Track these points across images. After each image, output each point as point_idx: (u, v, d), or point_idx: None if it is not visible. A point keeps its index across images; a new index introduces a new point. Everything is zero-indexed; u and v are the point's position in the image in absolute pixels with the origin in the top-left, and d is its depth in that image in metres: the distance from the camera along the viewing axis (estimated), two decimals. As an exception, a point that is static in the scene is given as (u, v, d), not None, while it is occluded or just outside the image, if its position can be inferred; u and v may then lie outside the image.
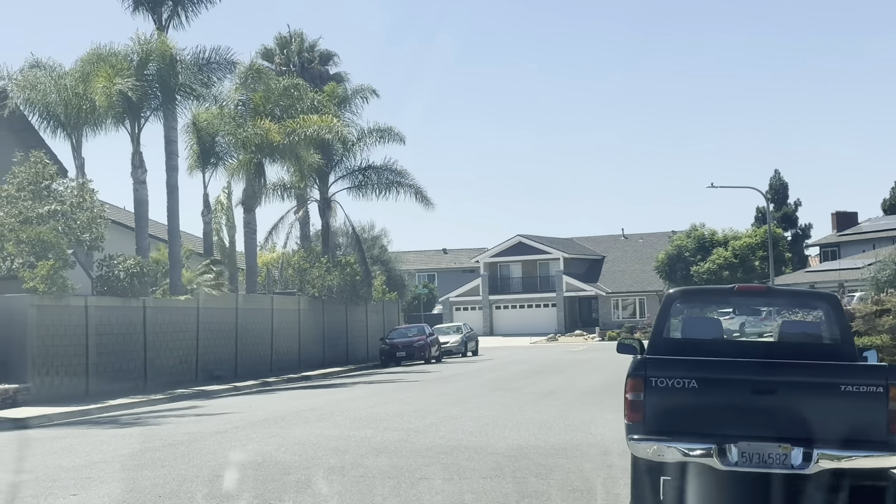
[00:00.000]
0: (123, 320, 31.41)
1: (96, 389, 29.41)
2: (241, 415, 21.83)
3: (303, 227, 55.04)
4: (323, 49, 62.25)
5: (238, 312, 39.27)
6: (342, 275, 49.73)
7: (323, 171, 51.64)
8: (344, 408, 22.81)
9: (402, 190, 53.13)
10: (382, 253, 70.37)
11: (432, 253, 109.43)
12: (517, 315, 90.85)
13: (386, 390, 29.23)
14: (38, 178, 30.81)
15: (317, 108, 46.08)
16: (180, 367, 34.77)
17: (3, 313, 26.60)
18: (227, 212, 43.31)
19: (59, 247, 28.06)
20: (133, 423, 20.84)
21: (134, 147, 35.06)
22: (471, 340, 58.82)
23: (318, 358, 47.10)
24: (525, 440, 15.90)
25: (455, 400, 24.20)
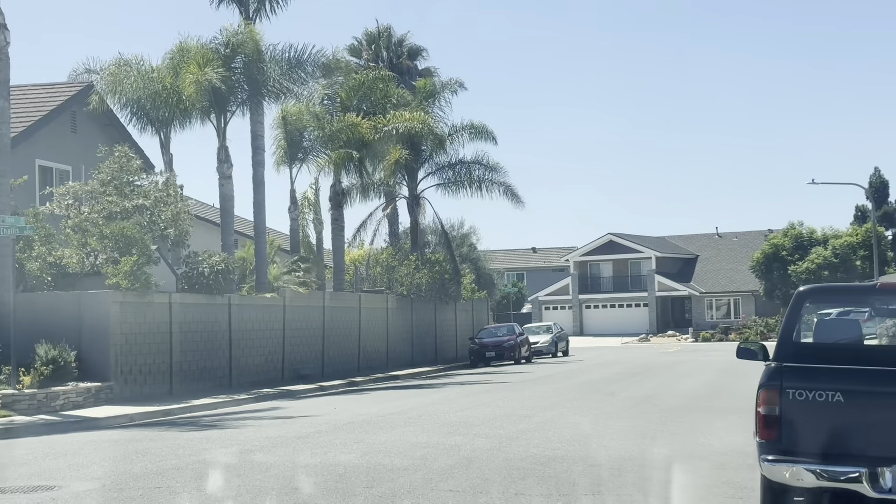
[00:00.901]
0: (208, 318, 30.80)
1: (180, 389, 28.82)
2: (326, 418, 20.93)
3: (391, 225, 54.25)
4: (412, 44, 61.45)
5: (325, 311, 38.55)
6: (431, 273, 48.83)
7: (412, 167, 50.79)
8: (432, 411, 21.80)
9: (493, 187, 52.06)
10: (471, 251, 69.38)
11: (521, 252, 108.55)
12: (607, 315, 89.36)
13: (475, 392, 28.17)
14: (122, 172, 30.33)
15: (406, 102, 45.25)
16: (266, 367, 34.10)
17: (86, 310, 26.06)
18: (315, 208, 42.60)
19: (142, 242, 27.48)
20: (212, 426, 20.05)
21: (220, 141, 34.45)
22: (561, 340, 57.56)
23: (406, 357, 46.26)
24: (627, 450, 14.69)
25: (548, 404, 23.04)
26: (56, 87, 35.20)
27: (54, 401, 23.76)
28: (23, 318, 24.91)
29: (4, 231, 23.58)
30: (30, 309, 25.70)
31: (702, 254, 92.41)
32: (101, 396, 25.38)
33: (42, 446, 16.83)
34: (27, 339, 24.53)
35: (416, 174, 52.24)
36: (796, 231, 77.92)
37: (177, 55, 34.11)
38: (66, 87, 35.16)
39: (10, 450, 16.51)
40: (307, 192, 43.64)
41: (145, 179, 30.86)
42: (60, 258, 27.57)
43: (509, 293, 77.58)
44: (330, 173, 41.86)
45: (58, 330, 25.36)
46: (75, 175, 34.14)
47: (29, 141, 32.75)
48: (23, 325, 24.83)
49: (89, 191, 30.17)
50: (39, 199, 32.19)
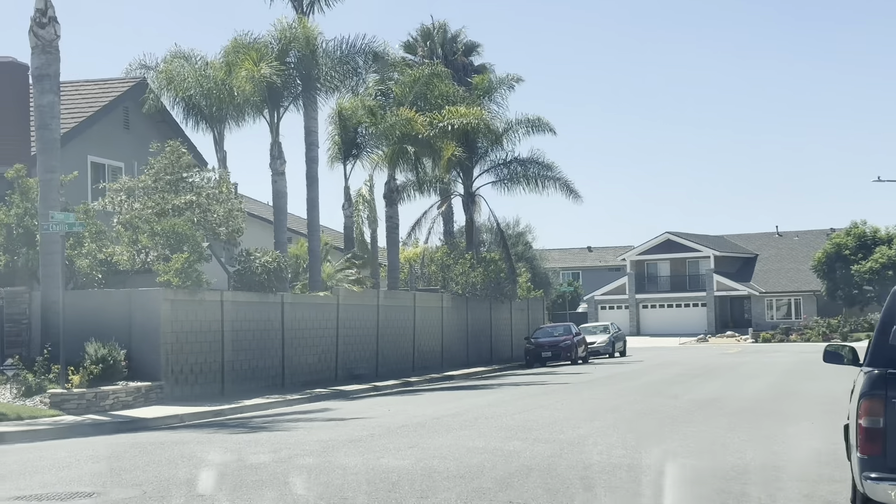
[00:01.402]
0: (260, 316, 30.28)
1: (231, 389, 28.32)
2: (379, 420, 20.26)
3: (446, 223, 53.55)
4: (467, 40, 60.76)
5: (379, 309, 37.93)
6: (486, 272, 48.08)
7: (467, 164, 50.04)
8: (489, 413, 21.06)
9: (549, 183, 51.19)
10: (527, 250, 68.53)
11: (577, 251, 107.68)
12: (665, 314, 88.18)
13: (533, 394, 27.38)
14: (173, 168, 29.89)
15: (461, 98, 44.53)
16: (319, 366, 33.54)
17: (137, 308, 25.60)
18: (369, 205, 41.99)
19: (193, 239, 26.98)
20: (263, 428, 19.45)
21: (273, 137, 33.95)
22: (618, 340, 56.59)
23: (461, 357, 45.56)
24: (698, 459, 13.85)
25: (609, 406, 22.21)
26: (109, 83, 34.90)
27: (103, 400, 23.32)
28: (72, 316, 24.51)
29: (53, 227, 23.18)
30: (79, 307, 25.30)
31: (761, 253, 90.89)
32: (150, 396, 24.92)
33: (87, 448, 16.31)
34: (77, 338, 24.12)
35: (471, 171, 51.50)
36: (859, 230, 76.29)
37: (231, 51, 33.67)
38: (118, 82, 34.86)
39: (55, 452, 16.00)
40: (361, 190, 43.08)
41: (197, 175, 30.36)
42: (111, 255, 27.16)
43: (565, 292, 76.39)
44: (384, 170, 41.29)
45: (108, 328, 24.93)
46: (128, 172, 33.81)
47: (81, 137, 32.46)
48: (72, 323, 24.43)
49: (141, 186, 29.77)
50: (91, 196, 31.88)
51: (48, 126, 24.74)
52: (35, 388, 23.11)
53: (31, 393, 23.05)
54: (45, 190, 24.51)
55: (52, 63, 24.83)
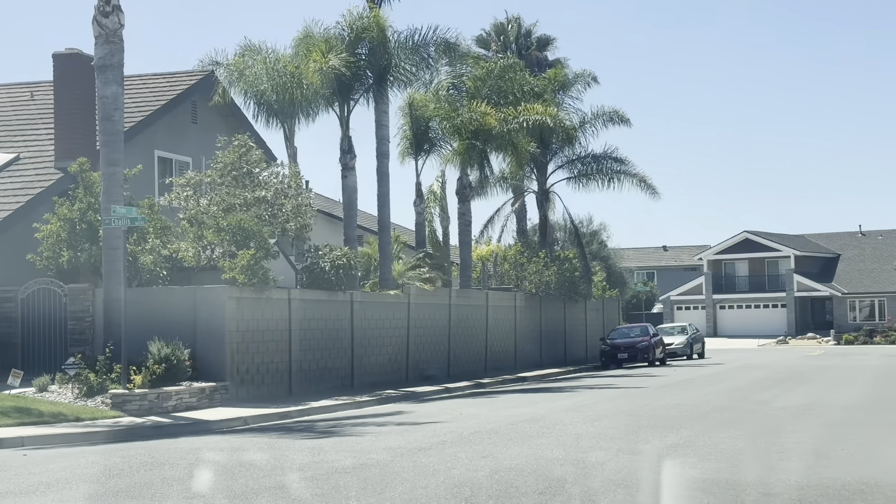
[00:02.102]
0: (329, 315, 29.38)
1: (299, 390, 27.45)
2: (451, 425, 19.17)
3: (519, 221, 52.41)
4: (541, 34, 59.75)
5: (451, 308, 36.90)
6: (560, 270, 46.85)
7: (541, 160, 48.90)
8: (566, 420, 19.87)
9: (626, 179, 49.79)
10: (601, 249, 67.05)
11: (651, 250, 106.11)
12: (743, 315, 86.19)
13: (611, 398, 26.11)
14: (241, 162, 29.07)
15: (536, 92, 43.35)
16: (389, 367, 32.59)
17: (201, 306, 24.80)
18: (441, 202, 40.93)
19: (260, 236, 26.12)
20: (329, 433, 18.46)
21: (343, 131, 33.00)
22: (696, 342, 54.98)
23: (534, 358, 44.39)
24: (802, 475, 12.54)
25: (695, 414, 20.90)
26: (177, 77, 34.23)
27: (166, 401, 22.54)
28: (135, 314, 23.80)
29: (115, 222, 22.44)
30: (142, 304, 24.59)
31: (844, 253, 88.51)
32: (215, 397, 24.10)
33: (143, 454, 15.43)
34: (140, 336, 23.40)
35: (545, 167, 50.31)
36: (947, 229, 73.86)
37: (301, 42, 32.82)
38: (186, 76, 34.16)
39: (108, 457, 15.14)
40: (432, 186, 42.04)
41: (266, 170, 29.49)
42: (176, 251, 26.40)
43: (640, 292, 74.90)
44: (456, 166, 40.15)
45: (171, 327, 24.16)
46: (195, 167, 33.11)
47: (148, 131, 31.80)
48: (135, 321, 23.72)
49: (208, 182, 29.00)
50: (158, 191, 31.22)
51: (111, 118, 24.02)
52: (97, 387, 22.41)
53: (92, 393, 22.36)
54: (107, 184, 23.79)
55: (116, 53, 24.11)
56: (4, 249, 26.50)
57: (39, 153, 29.55)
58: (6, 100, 33.92)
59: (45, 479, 12.88)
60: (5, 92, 34.64)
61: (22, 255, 25.68)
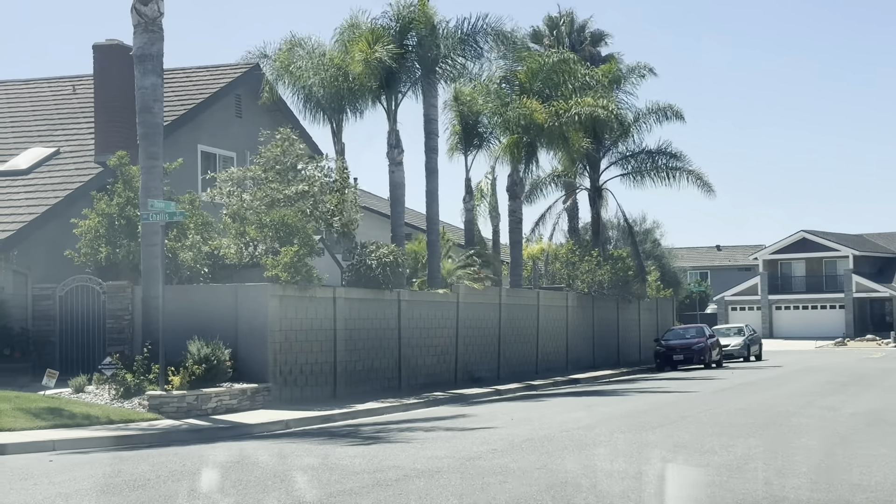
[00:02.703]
0: (375, 315, 28.44)
1: (344, 391, 26.53)
2: (501, 431, 18.12)
3: (571, 219, 51.22)
4: (594, 29, 58.73)
5: (501, 308, 35.85)
6: (613, 269, 45.64)
7: (593, 156, 47.66)
8: (623, 426, 18.75)
9: (681, 175, 48.47)
10: (654, 247, 65.66)
11: (704, 250, 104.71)
12: (799, 316, 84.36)
13: (669, 402, 24.92)
14: (284, 156, 28.18)
15: (589, 85, 42.13)
16: (437, 368, 31.61)
17: (243, 304, 23.91)
18: (491, 199, 39.85)
19: (304, 232, 25.19)
20: (373, 438, 17.47)
21: (390, 125, 32.02)
22: (754, 343, 53.44)
23: (586, 359, 43.22)
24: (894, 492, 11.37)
25: (761, 420, 19.69)
26: (220, 70, 33.43)
27: (205, 403, 21.67)
28: (174, 313, 22.99)
29: (153, 217, 21.59)
30: (182, 303, 23.77)
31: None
32: (256, 399, 23.21)
33: (174, 461, 14.52)
34: (179, 335, 22.57)
35: (597, 164, 49.11)
36: None
37: (347, 32, 31.89)
38: (230, 69, 33.37)
39: (136, 465, 14.24)
40: (482, 183, 40.97)
41: (311, 165, 28.55)
42: (217, 248, 25.54)
43: (694, 292, 73.25)
44: (507, 162, 39.04)
45: (212, 325, 23.31)
46: (239, 162, 32.32)
47: (191, 125, 31.02)
48: (175, 319, 22.91)
49: (251, 176, 28.15)
50: (201, 187, 30.42)
51: (150, 109, 23.19)
52: (134, 389, 21.61)
53: (129, 394, 21.56)
54: (146, 178, 22.95)
55: (155, 42, 23.28)
56: (43, 246, 25.80)
57: (80, 147, 28.86)
58: (49, 94, 33.32)
59: (64, 490, 11.99)
60: (48, 86, 34.06)
61: (60, 252, 24.95)
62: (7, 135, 30.66)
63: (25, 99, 33.12)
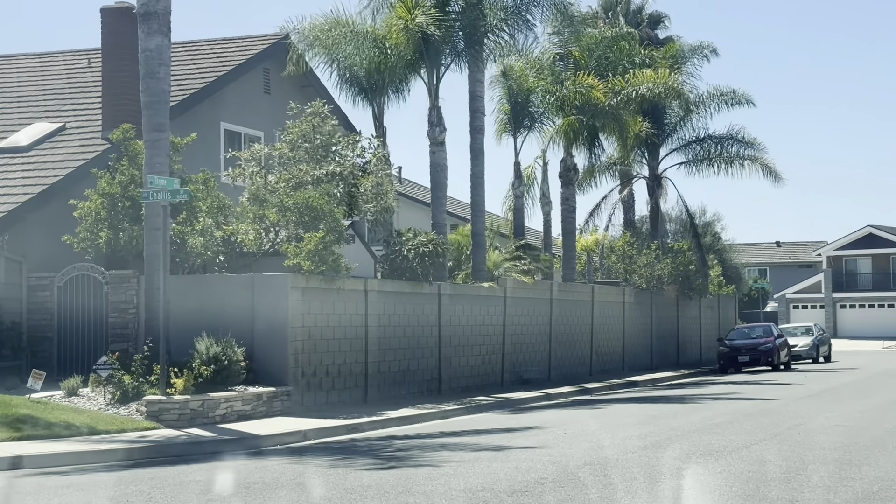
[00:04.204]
0: (413, 310, 25.54)
1: (376, 396, 23.67)
2: (552, 451, 15.11)
3: (626, 210, 47.97)
4: (652, 10, 55.32)
5: (553, 304, 32.84)
6: (674, 263, 42.40)
7: (653, 141, 44.47)
8: (702, 445, 15.67)
9: (750, 165, 45.10)
10: (715, 241, 62.02)
11: (763, 246, 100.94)
12: (865, 315, 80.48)
13: (747, 413, 21.71)
14: (314, 134, 25.31)
15: (647, 66, 38.99)
16: (482, 369, 28.67)
17: (261, 297, 21.09)
18: (543, 185, 36.78)
19: (332, 216, 22.27)
20: (397, 459, 14.52)
21: (431, 101, 29.00)
22: (823, 344, 49.91)
23: (644, 360, 40.09)
24: None
25: (866, 441, 16.48)
26: (247, 42, 30.60)
27: (213, 410, 18.88)
28: (182, 306, 20.33)
29: (153, 196, 18.79)
30: (191, 295, 21.05)
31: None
32: (274, 405, 20.38)
33: (145, 489, 11.65)
34: (186, 332, 19.85)
35: (657, 150, 45.90)
36: None
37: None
38: (257, 40, 30.54)
39: (93, 495, 11.37)
40: (531, 168, 37.86)
41: (342, 143, 25.59)
42: (233, 233, 22.69)
43: (758, 289, 69.59)
44: (560, 145, 35.95)
45: (225, 321, 20.51)
46: (268, 142, 29.40)
47: (213, 100, 28.23)
48: (182, 314, 20.25)
49: (276, 155, 25.31)
50: (223, 168, 27.61)
51: (155, 74, 20.36)
52: (132, 392, 18.83)
53: (127, 399, 18.80)
54: (150, 153, 20.12)
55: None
56: (40, 230, 23.11)
57: (88, 123, 26.14)
58: (62, 67, 30.70)
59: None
60: (63, 59, 31.44)
61: (60, 236, 22.21)
62: (12, 110, 28.06)
63: (37, 73, 30.53)
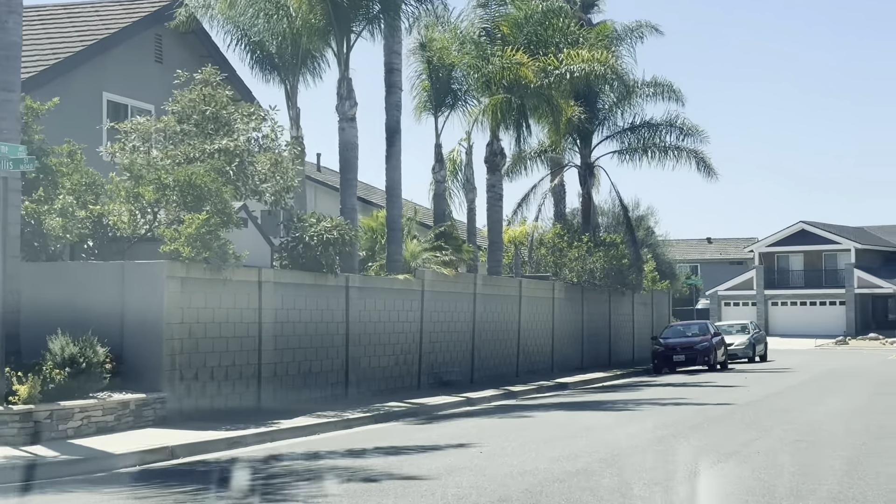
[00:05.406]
0: (316, 305, 22.63)
1: (272, 401, 20.72)
2: (463, 478, 12.30)
3: (557, 202, 45.32)
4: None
5: (476, 298, 30.12)
6: (606, 257, 39.91)
7: (585, 128, 41.90)
8: (639, 468, 12.99)
9: (686, 157, 42.81)
10: (649, 236, 59.78)
11: (695, 242, 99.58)
12: (797, 313, 78.99)
13: (693, 423, 19.11)
14: (205, 104, 22.25)
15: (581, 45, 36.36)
16: (396, 370, 25.85)
17: (133, 288, 18.09)
18: (466, 171, 33.96)
19: (219, 196, 19.29)
20: (266, 492, 11.62)
21: (341, 72, 26.04)
22: (759, 342, 47.96)
23: (574, 359, 37.57)
24: None
25: (840, 463, 13.91)
26: (135, 3, 27.37)
27: (65, 422, 15.88)
28: (37, 298, 17.40)
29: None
30: (49, 285, 18.02)
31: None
32: (144, 414, 17.39)
33: None
34: (43, 329, 16.81)
35: (590, 138, 43.36)
36: None
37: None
38: (147, 2, 27.36)
39: None
40: (454, 151, 35.01)
41: (237, 115, 22.53)
42: (103, 214, 19.59)
43: (688, 286, 67.55)
44: (486, 127, 33.15)
45: (90, 316, 17.54)
46: (159, 116, 26.26)
47: (93, 66, 25.02)
48: (36, 307, 17.30)
49: (161, 127, 22.25)
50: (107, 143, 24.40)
51: (4, 24, 17.18)
52: (-35, 402, 15.71)
53: (-41, 409, 15.67)
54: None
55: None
56: None
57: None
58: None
59: None
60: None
61: None
62: None
63: None
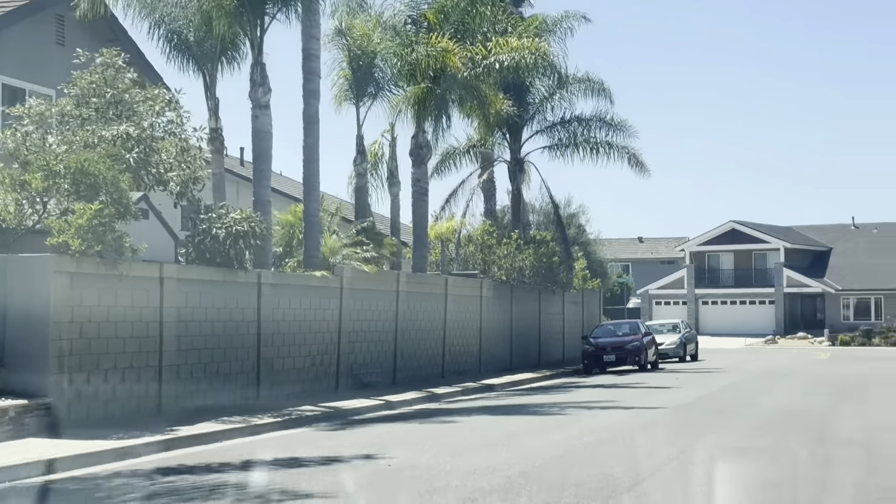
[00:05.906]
0: (224, 303, 21.16)
1: (174, 406, 19.25)
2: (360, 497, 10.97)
3: (487, 198, 44.16)
4: (515, -14, 51.79)
5: (400, 297, 28.80)
6: (536, 254, 38.82)
7: (515, 122, 40.75)
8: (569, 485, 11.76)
9: (616, 153, 41.89)
10: (580, 234, 58.96)
11: (626, 241, 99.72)
12: (727, 312, 78.75)
13: (625, 427, 17.98)
14: (106, 87, 20.71)
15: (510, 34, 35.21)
16: (313, 372, 24.45)
17: (15, 284, 16.58)
18: (390, 163, 32.62)
19: (115, 185, 17.77)
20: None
21: (255, 56, 24.56)
22: (690, 342, 47.37)
23: (503, 359, 36.41)
24: None
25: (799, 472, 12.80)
26: (36, -19, 25.67)
27: (-72, 432, 14.29)
28: None
29: None
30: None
31: (836, 246, 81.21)
32: (24, 423, 15.83)
33: None
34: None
35: (520, 132, 42.23)
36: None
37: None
38: (48, -20, 25.65)
39: None
40: (377, 144, 33.63)
41: (138, 99, 20.99)
42: (-16, 204, 17.99)
43: (620, 285, 66.90)
44: (411, 118, 31.83)
45: (-34, 314, 15.91)
46: (60, 102, 24.62)
47: (-16, 46, 23.36)
48: None
49: (56, 111, 20.65)
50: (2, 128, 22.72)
51: None
52: None
53: None
54: None
55: None
56: None
57: None
58: None
59: None
60: None
61: None
62: None
63: None
